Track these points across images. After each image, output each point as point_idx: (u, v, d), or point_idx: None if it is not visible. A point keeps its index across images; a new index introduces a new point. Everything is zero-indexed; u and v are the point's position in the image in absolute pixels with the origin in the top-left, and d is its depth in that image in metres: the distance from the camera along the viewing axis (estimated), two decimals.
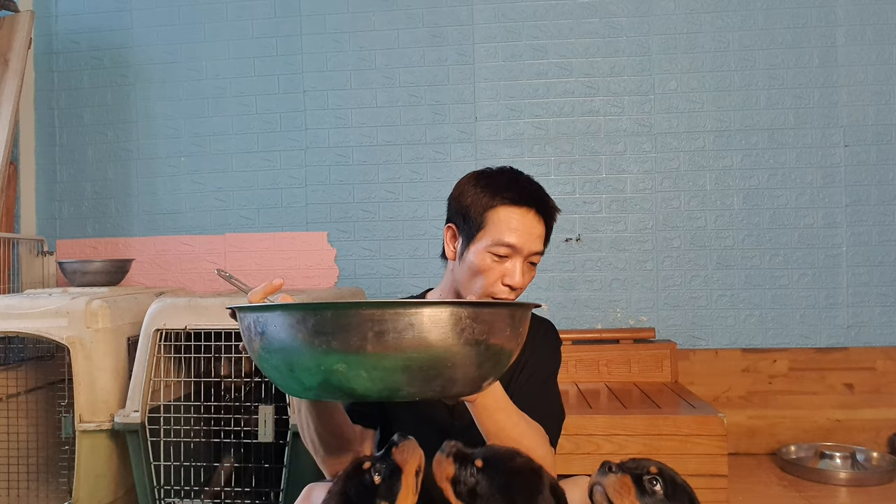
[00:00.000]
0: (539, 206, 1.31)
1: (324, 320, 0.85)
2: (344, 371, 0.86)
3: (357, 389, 0.88)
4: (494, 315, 0.92)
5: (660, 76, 2.94)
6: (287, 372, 0.90)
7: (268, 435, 2.04)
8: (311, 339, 0.86)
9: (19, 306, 2.18)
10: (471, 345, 0.89)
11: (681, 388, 2.67)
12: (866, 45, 2.85)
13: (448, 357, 0.88)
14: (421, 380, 0.88)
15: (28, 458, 2.31)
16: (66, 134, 3.22)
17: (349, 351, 0.85)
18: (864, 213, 2.85)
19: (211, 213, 3.13)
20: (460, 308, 0.87)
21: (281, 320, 0.88)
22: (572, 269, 2.96)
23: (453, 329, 0.87)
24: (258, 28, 3.11)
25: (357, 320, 0.84)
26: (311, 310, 0.87)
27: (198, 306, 2.09)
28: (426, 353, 0.86)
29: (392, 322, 0.84)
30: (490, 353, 0.92)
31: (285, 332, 0.88)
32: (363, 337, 0.84)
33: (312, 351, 0.86)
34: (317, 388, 0.90)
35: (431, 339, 0.86)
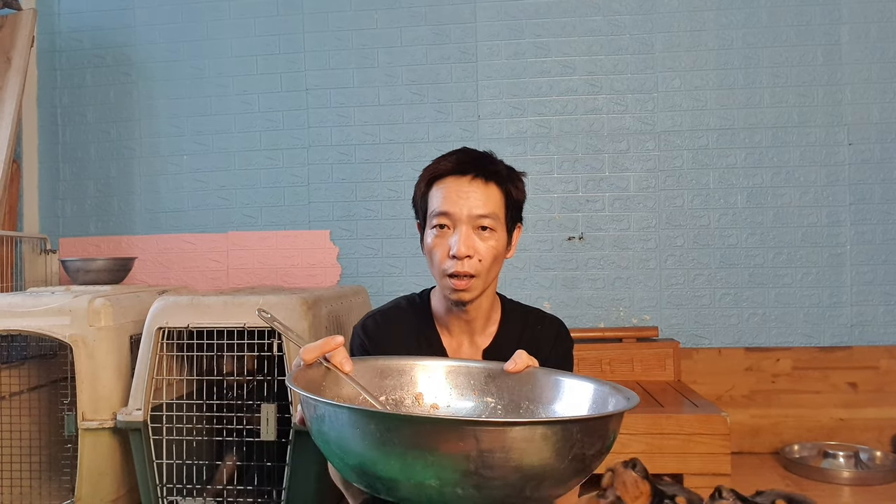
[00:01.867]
0: (477, 170, 1.24)
1: (412, 434, 0.75)
2: (435, 486, 0.77)
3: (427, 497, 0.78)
4: (587, 427, 0.84)
5: (663, 74, 2.93)
6: (357, 470, 0.83)
7: (270, 433, 2.04)
8: (391, 449, 0.76)
9: (22, 304, 2.18)
10: (565, 459, 0.80)
11: (684, 387, 2.66)
12: (871, 42, 2.84)
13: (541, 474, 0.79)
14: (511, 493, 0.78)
15: (31, 456, 2.32)
16: (69, 132, 3.22)
17: (439, 467, 0.75)
18: (867, 212, 2.84)
19: (213, 211, 3.13)
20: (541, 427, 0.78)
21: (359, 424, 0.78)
22: (575, 268, 2.96)
23: (552, 448, 0.78)
24: (260, 26, 3.11)
25: (450, 437, 0.74)
26: (400, 422, 0.78)
27: (200, 305, 2.09)
28: (519, 474, 0.76)
29: (487, 442, 0.73)
30: (583, 462, 0.85)
31: (361, 436, 0.78)
32: (457, 457, 0.74)
33: (390, 459, 0.77)
34: (389, 492, 0.81)
35: (526, 461, 0.76)
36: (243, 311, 2.06)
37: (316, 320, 2.08)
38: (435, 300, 1.39)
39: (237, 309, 2.07)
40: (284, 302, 2.07)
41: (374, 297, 2.96)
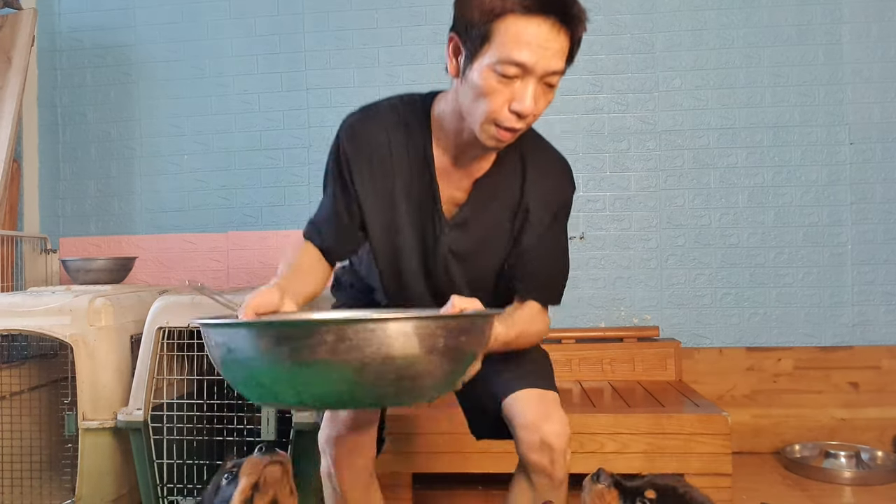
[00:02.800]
0: (559, 14, 1.10)
1: (290, 335, 0.87)
2: (309, 380, 0.88)
3: (322, 399, 0.91)
4: (455, 326, 0.92)
5: (664, 73, 2.92)
6: (253, 384, 0.94)
7: (270, 433, 2.04)
8: (276, 354, 0.87)
9: (22, 304, 2.18)
10: (435, 354, 0.89)
11: (685, 387, 2.66)
12: (872, 42, 2.84)
13: (413, 367, 0.88)
14: (385, 388, 0.89)
15: (31, 456, 2.32)
16: (69, 132, 3.22)
17: (311, 362, 0.86)
18: (869, 211, 2.84)
19: (214, 210, 3.13)
20: (424, 322, 0.89)
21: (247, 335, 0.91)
22: (576, 268, 2.95)
23: (419, 341, 0.87)
24: (261, 26, 3.10)
25: (318, 335, 0.85)
26: (276, 328, 0.90)
27: (201, 304, 2.09)
28: (389, 365, 0.86)
29: (355, 337, 0.85)
30: (454, 360, 0.93)
31: (250, 348, 0.90)
32: (325, 350, 0.85)
33: (278, 365, 0.88)
34: (284, 400, 0.93)
35: (394, 352, 0.86)
36: None
37: None
38: (446, 115, 1.28)
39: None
40: None
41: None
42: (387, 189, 1.34)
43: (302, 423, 1.98)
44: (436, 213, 1.35)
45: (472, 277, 1.39)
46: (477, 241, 1.36)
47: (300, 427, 1.98)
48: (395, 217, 1.35)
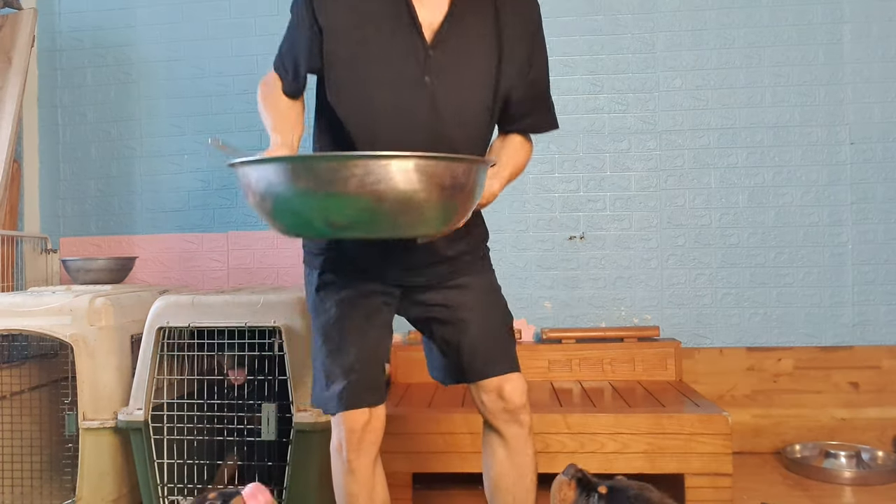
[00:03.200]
0: None
1: (315, 170, 1.06)
2: (338, 208, 1.05)
3: (347, 226, 1.08)
4: (450, 168, 1.08)
5: (664, 73, 2.92)
6: (289, 215, 1.12)
7: (271, 433, 2.04)
8: (312, 185, 1.06)
9: (23, 304, 2.18)
10: (443, 190, 1.07)
11: (685, 387, 2.66)
12: (872, 42, 2.84)
13: (421, 200, 1.06)
14: (395, 221, 1.07)
15: (32, 456, 2.32)
16: (70, 132, 3.22)
17: (340, 192, 1.04)
18: (869, 211, 2.84)
19: (214, 210, 3.13)
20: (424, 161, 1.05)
21: (282, 171, 1.10)
22: (576, 268, 2.95)
23: (419, 179, 1.05)
24: (261, 25, 3.10)
25: (341, 170, 1.03)
26: (301, 162, 1.10)
27: (201, 304, 2.09)
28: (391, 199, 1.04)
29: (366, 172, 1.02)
30: (456, 197, 1.11)
31: (285, 182, 1.08)
32: (354, 182, 1.02)
33: (311, 195, 1.06)
34: (315, 227, 1.12)
35: (408, 186, 1.04)
36: (244, 311, 2.06)
37: None
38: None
39: (238, 308, 2.07)
40: (286, 301, 2.07)
41: None
42: (355, 20, 1.37)
43: (302, 424, 1.98)
44: (415, 37, 1.36)
45: (461, 109, 1.39)
46: (461, 57, 1.39)
47: (300, 427, 1.98)
48: (369, 49, 1.36)
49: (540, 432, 2.27)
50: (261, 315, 2.05)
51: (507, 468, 1.57)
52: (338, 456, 1.53)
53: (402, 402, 2.54)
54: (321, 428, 1.97)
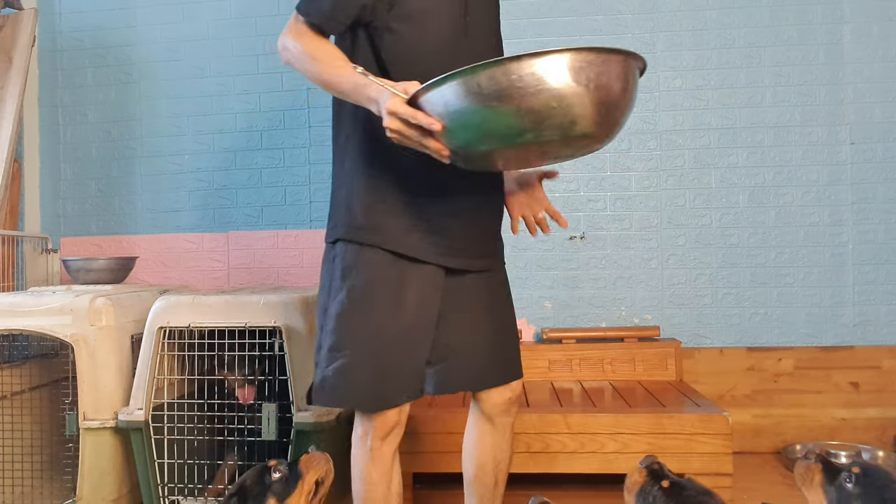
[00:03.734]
0: None
1: (492, 78, 1.08)
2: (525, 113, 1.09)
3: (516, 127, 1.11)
4: (614, 60, 1.13)
5: (665, 73, 2.92)
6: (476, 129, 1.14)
7: (271, 433, 2.04)
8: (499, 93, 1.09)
9: (23, 304, 2.18)
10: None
11: (685, 387, 2.66)
12: (873, 41, 2.84)
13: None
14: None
15: (32, 456, 2.32)
16: (70, 132, 3.22)
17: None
18: (870, 211, 2.84)
19: (215, 210, 3.13)
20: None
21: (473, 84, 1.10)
22: (576, 267, 2.95)
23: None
24: (261, 25, 3.11)
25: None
26: (477, 71, 1.09)
27: (201, 304, 2.09)
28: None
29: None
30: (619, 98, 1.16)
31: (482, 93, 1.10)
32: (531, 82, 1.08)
33: (499, 105, 1.10)
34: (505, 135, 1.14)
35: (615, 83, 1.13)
36: (245, 311, 2.06)
37: None
38: None
39: (238, 308, 2.07)
40: (286, 301, 2.07)
41: None
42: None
43: (302, 423, 1.98)
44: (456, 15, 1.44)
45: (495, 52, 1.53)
46: (485, 18, 1.52)
47: (301, 427, 1.98)
48: (432, 10, 1.42)
49: (540, 432, 2.27)
50: (261, 315, 2.05)
51: (495, 453, 1.67)
52: (362, 444, 1.51)
53: None
54: (321, 428, 1.97)
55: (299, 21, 1.39)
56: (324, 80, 1.36)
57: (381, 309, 1.43)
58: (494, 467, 1.68)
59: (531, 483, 2.35)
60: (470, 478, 1.71)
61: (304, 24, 1.39)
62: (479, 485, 1.69)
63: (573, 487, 2.42)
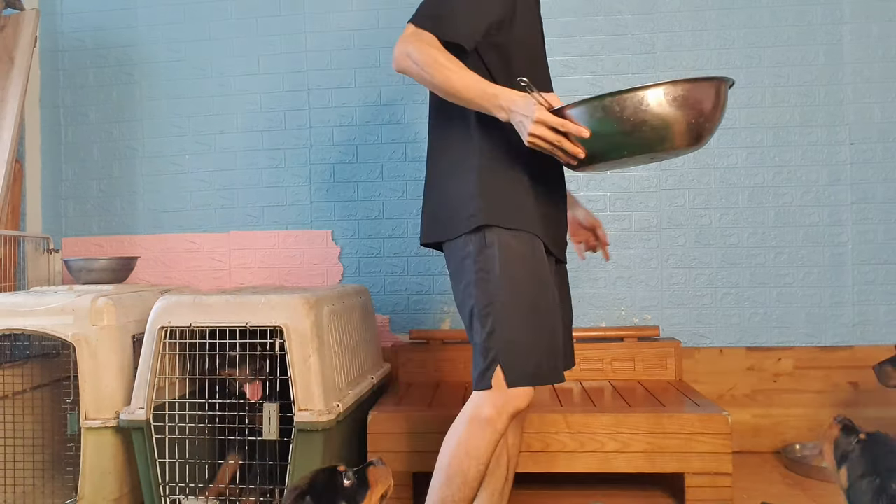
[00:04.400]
0: None
1: (632, 104, 1.38)
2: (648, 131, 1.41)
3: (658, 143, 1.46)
4: (718, 86, 1.47)
5: (664, 74, 2.93)
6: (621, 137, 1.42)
7: (272, 432, 2.05)
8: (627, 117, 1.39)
9: (25, 304, 2.18)
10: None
11: (685, 387, 2.67)
12: (872, 42, 2.84)
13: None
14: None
15: (34, 455, 2.32)
16: (72, 132, 3.23)
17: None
18: (869, 211, 2.84)
19: (216, 210, 3.14)
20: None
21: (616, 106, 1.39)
22: (576, 267, 2.96)
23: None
24: (262, 26, 3.11)
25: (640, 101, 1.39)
26: (618, 95, 1.38)
27: (203, 304, 2.10)
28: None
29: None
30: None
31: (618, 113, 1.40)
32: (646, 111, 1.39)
33: (630, 124, 1.40)
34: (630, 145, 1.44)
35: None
36: (246, 311, 2.07)
37: (318, 320, 2.08)
38: None
39: (240, 308, 2.08)
40: (287, 301, 2.07)
41: (376, 298, 2.96)
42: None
43: (304, 423, 1.98)
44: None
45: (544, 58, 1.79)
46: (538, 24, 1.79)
47: (302, 427, 1.99)
48: (530, 30, 1.70)
49: (540, 432, 2.28)
50: (262, 315, 2.05)
51: (509, 444, 1.77)
52: (489, 425, 1.53)
53: (403, 401, 2.55)
54: (322, 427, 1.98)
55: (423, 35, 1.55)
56: (452, 85, 1.49)
57: (547, 289, 1.60)
58: (507, 462, 1.74)
59: (531, 482, 2.36)
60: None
61: (432, 38, 1.54)
62: (493, 478, 1.72)
63: (573, 487, 2.43)
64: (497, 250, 1.56)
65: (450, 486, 1.52)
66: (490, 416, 1.53)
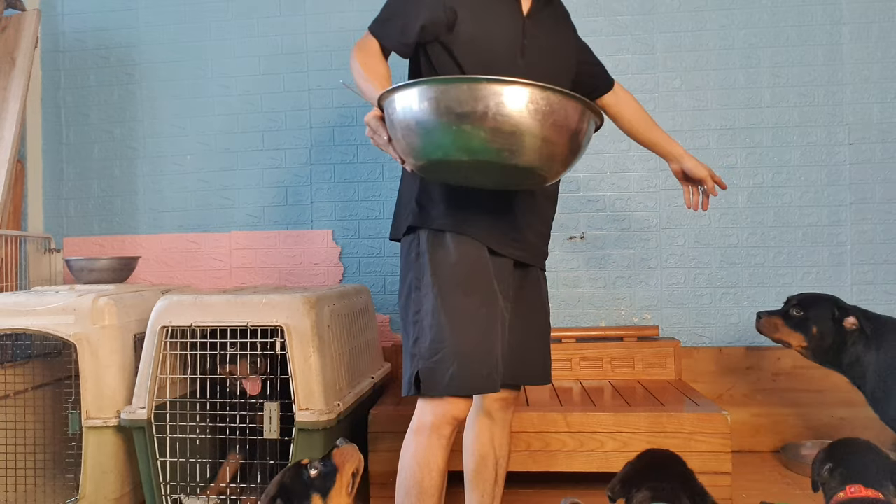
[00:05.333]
0: None
1: (459, 91, 1.15)
2: (469, 131, 1.16)
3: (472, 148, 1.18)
4: (572, 105, 1.18)
5: (664, 74, 2.93)
6: (426, 137, 1.20)
7: (273, 431, 2.05)
8: (450, 107, 1.16)
9: (27, 303, 2.19)
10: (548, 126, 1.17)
11: (684, 386, 2.67)
12: (872, 42, 2.85)
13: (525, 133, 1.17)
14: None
15: (35, 454, 2.33)
16: (73, 132, 3.23)
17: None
18: (868, 212, 2.85)
19: (217, 210, 3.14)
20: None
21: (425, 93, 1.18)
22: (576, 267, 2.97)
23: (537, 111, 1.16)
24: (263, 26, 3.12)
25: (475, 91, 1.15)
26: (448, 83, 1.18)
27: (204, 304, 2.10)
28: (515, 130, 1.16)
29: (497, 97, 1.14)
30: (562, 136, 1.20)
31: (427, 104, 1.18)
32: (475, 105, 1.14)
33: (449, 116, 1.16)
34: (446, 147, 1.20)
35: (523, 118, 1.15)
36: (247, 310, 2.07)
37: (318, 319, 2.09)
38: None
39: (240, 308, 2.08)
40: (287, 301, 2.08)
41: (376, 297, 2.97)
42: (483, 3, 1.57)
43: (304, 422, 1.99)
44: (516, 11, 1.60)
45: (548, 78, 1.46)
46: (550, 33, 1.68)
47: (302, 426, 1.99)
48: (489, 26, 1.56)
49: (540, 431, 2.28)
50: (263, 314, 2.06)
51: (495, 448, 1.75)
52: (434, 433, 1.54)
53: (403, 401, 2.56)
54: (323, 427, 1.99)
55: (367, 41, 1.59)
56: (363, 94, 1.49)
57: (480, 295, 1.53)
58: (495, 462, 1.74)
59: (531, 482, 2.37)
60: (471, 473, 1.76)
61: (374, 43, 1.58)
62: (481, 479, 1.74)
63: (573, 486, 2.43)
64: (428, 257, 1.54)
65: (408, 498, 1.54)
66: (433, 424, 1.54)
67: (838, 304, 2.12)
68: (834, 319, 2.09)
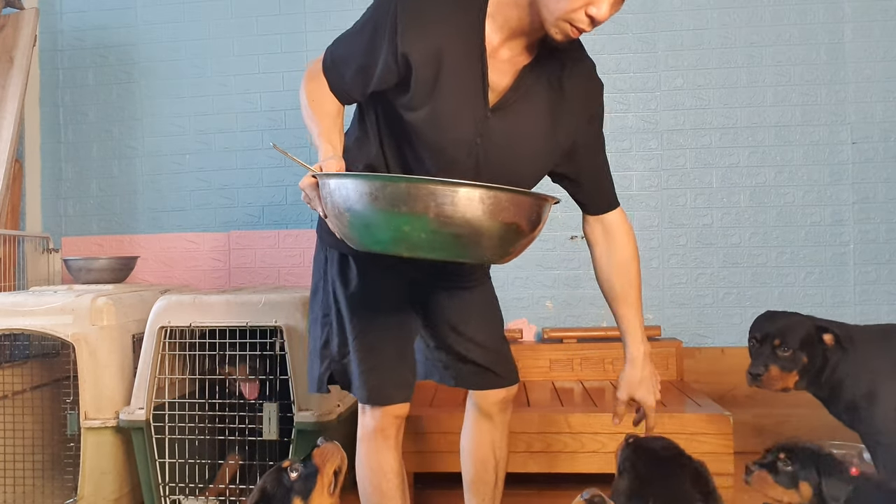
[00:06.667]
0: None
1: (398, 190, 1.08)
2: (408, 231, 1.09)
3: (404, 241, 1.10)
4: (524, 202, 1.12)
5: (666, 73, 2.92)
6: (363, 229, 1.13)
7: (272, 432, 2.04)
8: (388, 206, 1.09)
9: (25, 303, 2.18)
10: (497, 223, 1.10)
11: (686, 387, 2.66)
12: (874, 41, 2.83)
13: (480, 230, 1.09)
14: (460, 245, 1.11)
15: (34, 455, 2.32)
16: (71, 131, 3.22)
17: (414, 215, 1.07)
18: (871, 211, 2.83)
19: (216, 210, 3.13)
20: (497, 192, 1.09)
21: (362, 188, 1.10)
22: (577, 267, 2.95)
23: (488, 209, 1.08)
24: (262, 25, 3.11)
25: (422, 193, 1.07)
26: (387, 181, 1.11)
27: (203, 304, 2.09)
28: (467, 226, 1.08)
29: (445, 197, 1.06)
30: (513, 233, 1.13)
31: (363, 198, 1.10)
32: (415, 204, 1.07)
33: (387, 215, 1.09)
34: (384, 243, 1.12)
35: (469, 215, 1.07)
36: (246, 311, 2.06)
37: None
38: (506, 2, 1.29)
39: (239, 308, 2.07)
40: (286, 300, 2.07)
41: None
42: (435, 67, 1.29)
43: (303, 423, 1.98)
44: (480, 92, 1.32)
45: (505, 176, 1.32)
46: (517, 126, 1.38)
47: (301, 427, 1.98)
48: (439, 82, 1.30)
49: (541, 432, 2.27)
50: (262, 315, 2.05)
51: (495, 450, 1.72)
52: (379, 436, 1.56)
53: None
54: (322, 427, 1.97)
55: (319, 76, 1.37)
56: (307, 125, 1.37)
57: (382, 305, 1.51)
58: (495, 465, 1.72)
59: (532, 483, 2.36)
60: (470, 476, 1.74)
61: (324, 83, 1.37)
62: (480, 483, 1.72)
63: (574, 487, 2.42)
64: (334, 264, 1.52)
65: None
66: (375, 426, 1.55)
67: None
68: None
